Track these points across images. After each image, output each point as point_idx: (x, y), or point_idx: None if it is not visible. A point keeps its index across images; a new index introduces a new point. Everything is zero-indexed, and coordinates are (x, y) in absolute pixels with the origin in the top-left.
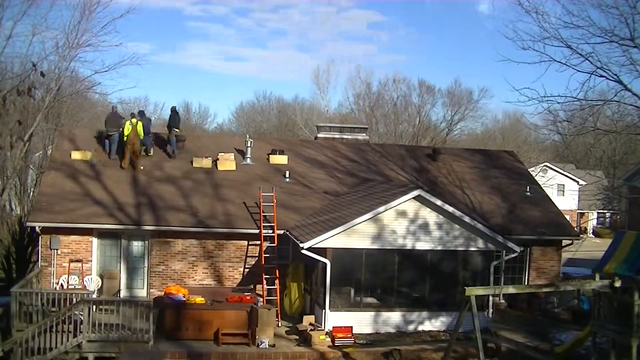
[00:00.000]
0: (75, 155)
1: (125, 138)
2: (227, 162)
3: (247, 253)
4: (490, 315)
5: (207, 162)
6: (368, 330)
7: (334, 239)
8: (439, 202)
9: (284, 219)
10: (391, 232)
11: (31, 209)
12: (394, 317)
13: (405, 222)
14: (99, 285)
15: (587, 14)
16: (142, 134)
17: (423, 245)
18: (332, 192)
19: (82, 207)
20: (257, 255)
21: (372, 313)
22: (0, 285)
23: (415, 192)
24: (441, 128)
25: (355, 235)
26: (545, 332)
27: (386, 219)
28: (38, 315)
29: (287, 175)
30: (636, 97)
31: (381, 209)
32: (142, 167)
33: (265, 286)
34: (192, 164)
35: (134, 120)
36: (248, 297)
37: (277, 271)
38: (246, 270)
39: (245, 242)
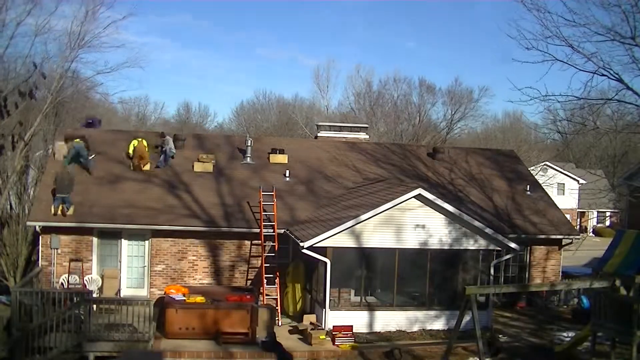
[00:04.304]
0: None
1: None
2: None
3: (247, 252)
4: (491, 314)
5: (208, 165)
6: (368, 329)
7: (334, 238)
8: (439, 201)
9: (284, 218)
10: (392, 231)
11: (31, 209)
12: (395, 316)
13: (406, 221)
14: (99, 285)
15: (589, 12)
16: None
17: (423, 244)
18: (332, 191)
19: (82, 207)
20: (257, 254)
21: (373, 312)
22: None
23: (416, 191)
24: (441, 127)
25: (356, 234)
26: (546, 331)
27: (387, 217)
28: (38, 314)
29: (287, 175)
30: (637, 95)
31: (381, 208)
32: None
33: (265, 285)
34: (192, 167)
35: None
36: (248, 297)
37: (277, 270)
38: (246, 269)
39: (245, 241)
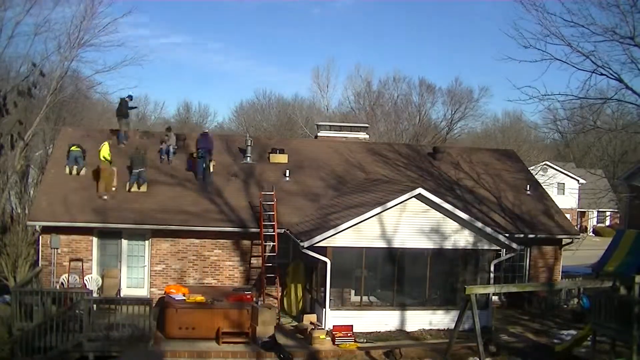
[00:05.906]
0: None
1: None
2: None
3: (247, 252)
4: (491, 314)
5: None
6: (368, 329)
7: (335, 238)
8: (439, 201)
9: (284, 218)
10: (392, 230)
11: (31, 208)
12: (395, 316)
13: (406, 220)
14: (99, 284)
15: (588, 12)
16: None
17: (423, 244)
18: (332, 191)
19: (81, 206)
20: (257, 254)
21: (373, 312)
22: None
23: (416, 191)
24: (441, 127)
25: (356, 234)
26: (546, 330)
27: (387, 217)
28: (38, 314)
29: (287, 174)
30: (637, 95)
31: (382, 207)
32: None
33: (266, 285)
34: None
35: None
36: (248, 296)
37: (277, 270)
38: (247, 269)
39: (245, 241)
